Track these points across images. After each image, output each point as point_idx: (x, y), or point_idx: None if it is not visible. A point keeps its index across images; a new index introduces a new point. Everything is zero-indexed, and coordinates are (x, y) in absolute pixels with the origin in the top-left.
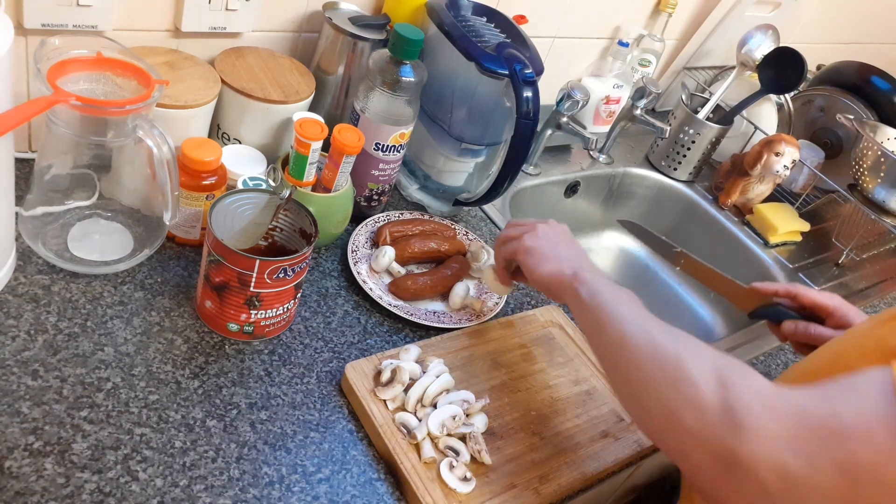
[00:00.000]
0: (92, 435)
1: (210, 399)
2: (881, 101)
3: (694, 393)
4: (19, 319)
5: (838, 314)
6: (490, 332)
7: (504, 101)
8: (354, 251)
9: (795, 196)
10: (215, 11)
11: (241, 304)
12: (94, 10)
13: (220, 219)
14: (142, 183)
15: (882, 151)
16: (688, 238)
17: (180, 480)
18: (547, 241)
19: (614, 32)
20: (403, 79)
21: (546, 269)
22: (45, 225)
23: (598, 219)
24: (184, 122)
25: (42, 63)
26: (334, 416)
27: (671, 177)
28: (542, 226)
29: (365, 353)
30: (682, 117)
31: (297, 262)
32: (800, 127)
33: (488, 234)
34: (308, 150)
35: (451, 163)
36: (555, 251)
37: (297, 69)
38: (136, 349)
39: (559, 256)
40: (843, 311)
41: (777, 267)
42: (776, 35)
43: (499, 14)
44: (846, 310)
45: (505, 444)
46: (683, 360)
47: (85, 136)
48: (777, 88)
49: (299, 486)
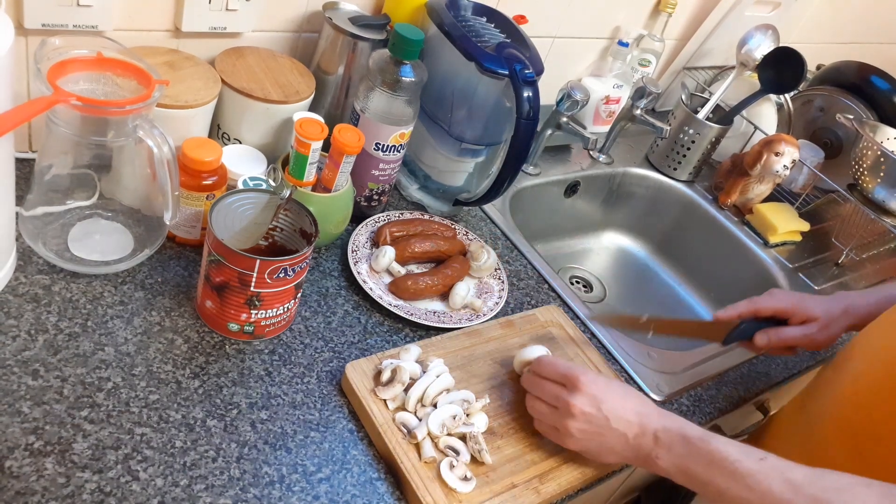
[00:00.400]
0: (92, 435)
1: (210, 399)
2: (881, 101)
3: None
4: (20, 319)
5: (798, 311)
6: (490, 331)
7: (504, 101)
8: (354, 251)
9: (795, 196)
10: (215, 11)
11: (242, 304)
12: (94, 10)
13: (221, 219)
14: (142, 183)
15: (882, 151)
16: (688, 238)
17: (181, 480)
18: (589, 428)
19: (614, 32)
20: (403, 79)
21: (611, 461)
22: (46, 225)
23: (598, 219)
24: (184, 122)
25: (42, 63)
26: (334, 416)
27: (671, 177)
28: (577, 402)
29: (365, 352)
30: (681, 117)
31: (298, 262)
32: (800, 127)
33: (488, 234)
34: (308, 150)
35: (451, 163)
36: (602, 441)
37: (297, 69)
38: (137, 349)
39: (610, 445)
40: (801, 307)
41: (777, 267)
42: (776, 35)
43: (499, 14)
44: (802, 304)
45: (505, 444)
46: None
47: (85, 136)
48: (777, 88)
49: (299, 486)
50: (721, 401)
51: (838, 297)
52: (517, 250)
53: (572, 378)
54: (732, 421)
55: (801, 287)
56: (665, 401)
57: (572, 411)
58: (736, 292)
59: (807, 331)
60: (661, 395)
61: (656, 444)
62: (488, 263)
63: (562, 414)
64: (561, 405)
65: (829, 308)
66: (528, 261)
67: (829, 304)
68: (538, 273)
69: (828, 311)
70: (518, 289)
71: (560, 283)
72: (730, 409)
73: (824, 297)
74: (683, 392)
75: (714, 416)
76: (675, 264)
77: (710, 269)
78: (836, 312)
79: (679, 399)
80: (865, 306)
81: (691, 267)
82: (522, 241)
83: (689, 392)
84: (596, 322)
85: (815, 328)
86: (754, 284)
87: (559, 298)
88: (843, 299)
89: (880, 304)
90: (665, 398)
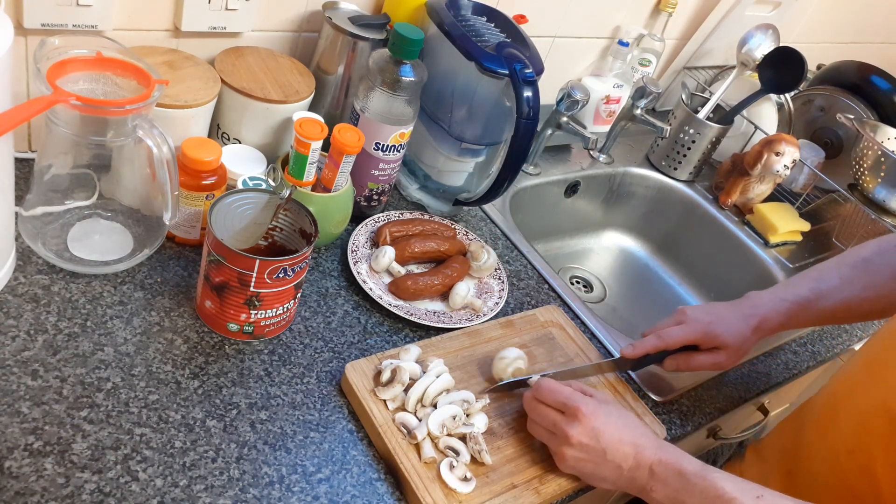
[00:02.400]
0: (92, 435)
1: (210, 399)
2: (881, 101)
3: None
4: (19, 319)
5: (707, 340)
6: (490, 332)
7: (504, 100)
8: (354, 251)
9: (796, 196)
10: (215, 11)
11: (241, 304)
12: (94, 10)
13: (220, 219)
14: (142, 183)
15: (882, 151)
16: (688, 238)
17: (180, 480)
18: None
19: (614, 32)
20: (403, 78)
21: (602, 486)
22: (45, 225)
23: (598, 219)
24: (184, 121)
25: (42, 63)
26: (334, 416)
27: (671, 176)
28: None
29: (365, 353)
30: (682, 117)
31: (297, 261)
32: (800, 126)
33: (488, 233)
34: (308, 150)
35: (451, 163)
36: (596, 470)
37: (297, 69)
38: (136, 349)
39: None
40: (710, 335)
41: (777, 267)
42: (776, 35)
43: (499, 14)
44: (711, 332)
45: (505, 444)
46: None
47: (85, 136)
48: (777, 88)
49: (299, 486)
50: (721, 401)
51: (750, 310)
52: (517, 250)
53: (572, 408)
54: (732, 421)
55: None
56: (665, 401)
57: (570, 441)
58: (736, 292)
59: (715, 359)
60: (662, 395)
61: (651, 477)
62: (488, 263)
63: (559, 441)
64: (559, 433)
65: (740, 331)
66: (528, 261)
67: (739, 325)
68: (538, 273)
69: (738, 335)
70: (518, 289)
71: (560, 283)
72: (730, 409)
73: (735, 315)
74: (684, 392)
75: (714, 416)
76: (676, 264)
77: (711, 269)
78: (746, 333)
79: (679, 399)
80: (777, 317)
81: (691, 267)
82: (522, 241)
83: (689, 392)
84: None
85: (723, 356)
86: (754, 284)
87: (559, 298)
88: (754, 315)
89: (791, 314)
90: (665, 398)
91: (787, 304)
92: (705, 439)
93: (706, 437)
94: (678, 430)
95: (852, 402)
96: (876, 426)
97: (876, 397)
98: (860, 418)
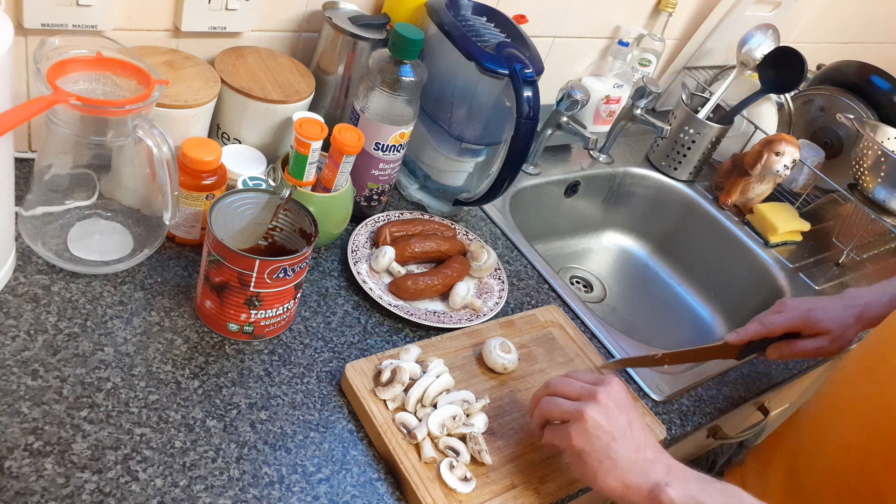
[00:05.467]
0: (92, 435)
1: (210, 399)
2: (881, 101)
3: None
4: (19, 319)
5: (809, 326)
6: (490, 332)
7: (504, 100)
8: (354, 251)
9: (796, 196)
10: (215, 11)
11: (241, 304)
12: (94, 10)
13: (220, 219)
14: (142, 183)
15: (882, 151)
16: (688, 238)
17: (180, 480)
18: (600, 437)
19: (614, 32)
20: (403, 78)
21: (609, 482)
22: (45, 225)
23: (598, 219)
24: (184, 121)
25: (42, 63)
26: (334, 416)
27: (671, 176)
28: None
29: (365, 353)
30: (682, 117)
31: (297, 261)
32: (800, 126)
33: (488, 233)
34: (308, 150)
35: (451, 163)
36: (611, 453)
37: (297, 69)
38: (136, 349)
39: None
40: (812, 321)
41: (777, 267)
42: (776, 35)
43: (499, 14)
44: (812, 318)
45: (505, 444)
46: None
47: (85, 135)
48: (777, 88)
49: (299, 486)
50: (721, 401)
51: (850, 301)
52: (517, 250)
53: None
54: (732, 421)
55: (801, 287)
56: (665, 401)
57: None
58: (736, 292)
59: (819, 344)
60: (662, 395)
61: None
62: (488, 263)
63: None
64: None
65: (842, 319)
66: (528, 261)
67: (841, 313)
68: (538, 273)
69: (840, 322)
70: (518, 289)
71: (560, 283)
72: (730, 409)
73: (836, 304)
74: (684, 392)
75: (714, 416)
76: (676, 264)
77: (711, 269)
78: (848, 321)
79: (679, 399)
80: (879, 307)
81: (691, 267)
82: (522, 241)
83: (689, 392)
84: (608, 369)
85: (826, 341)
86: (754, 284)
87: (559, 298)
88: (855, 305)
89: (894, 304)
90: (665, 398)
91: (889, 297)
92: (705, 439)
93: (706, 437)
94: (678, 430)
95: (850, 399)
96: (874, 423)
97: (873, 394)
98: (858, 416)
